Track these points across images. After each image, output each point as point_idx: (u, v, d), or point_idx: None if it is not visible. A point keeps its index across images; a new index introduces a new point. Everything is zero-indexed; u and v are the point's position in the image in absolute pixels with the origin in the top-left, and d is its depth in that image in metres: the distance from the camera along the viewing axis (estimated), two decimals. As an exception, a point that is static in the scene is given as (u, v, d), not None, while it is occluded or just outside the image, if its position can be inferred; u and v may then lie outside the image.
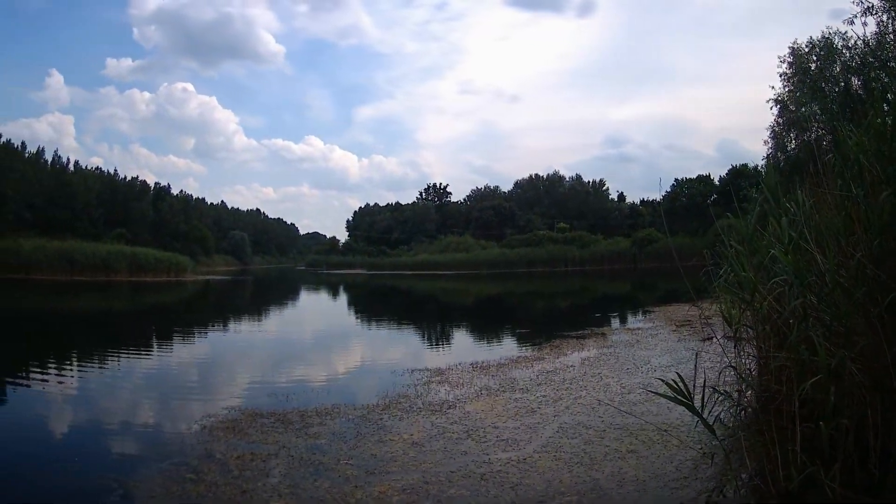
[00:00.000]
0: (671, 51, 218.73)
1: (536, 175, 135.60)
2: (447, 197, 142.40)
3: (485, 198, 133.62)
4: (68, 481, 8.51)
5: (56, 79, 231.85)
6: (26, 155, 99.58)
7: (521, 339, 23.50)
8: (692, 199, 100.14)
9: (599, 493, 7.07)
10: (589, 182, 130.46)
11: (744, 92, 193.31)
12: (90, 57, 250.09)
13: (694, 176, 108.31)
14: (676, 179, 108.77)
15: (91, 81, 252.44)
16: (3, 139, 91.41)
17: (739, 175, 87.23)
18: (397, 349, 22.60)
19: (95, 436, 11.02)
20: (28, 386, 15.28)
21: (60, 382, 15.74)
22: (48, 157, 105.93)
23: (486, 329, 29.59)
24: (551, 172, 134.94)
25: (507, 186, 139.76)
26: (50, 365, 18.45)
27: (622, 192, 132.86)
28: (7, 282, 56.46)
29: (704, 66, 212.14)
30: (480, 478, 7.89)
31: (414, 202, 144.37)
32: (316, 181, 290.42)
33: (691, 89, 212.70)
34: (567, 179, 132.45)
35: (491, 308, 45.01)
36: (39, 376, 16.44)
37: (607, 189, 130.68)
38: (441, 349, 22.77)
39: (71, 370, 17.90)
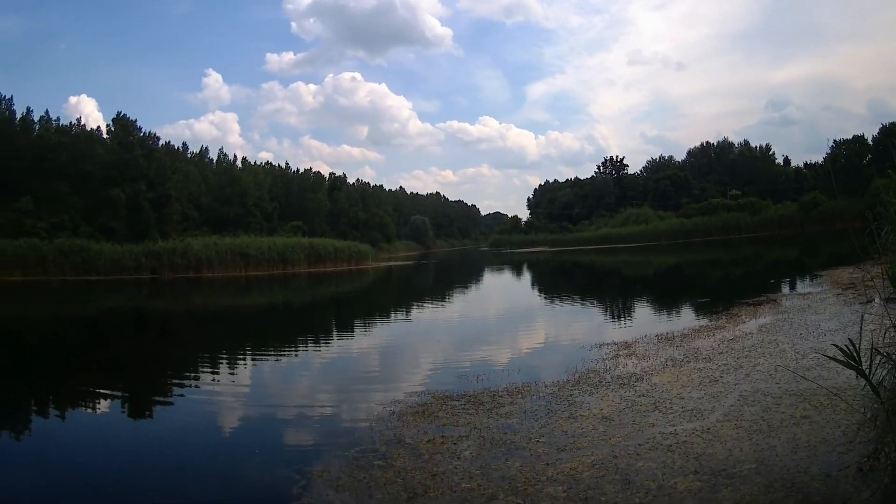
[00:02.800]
0: (821, 8, 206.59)
1: (707, 143, 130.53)
2: (624, 169, 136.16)
3: (660, 168, 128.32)
4: (251, 475, 8.53)
5: (214, 78, 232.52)
6: (189, 155, 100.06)
7: (702, 309, 23.18)
8: (849, 160, 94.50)
9: (776, 461, 6.99)
10: (756, 147, 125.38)
11: (890, 48, 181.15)
12: (248, 54, 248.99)
13: (850, 136, 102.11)
14: (834, 141, 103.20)
15: (252, 78, 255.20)
16: (163, 142, 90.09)
17: (890, 133, 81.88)
18: (584, 324, 22.48)
19: (278, 428, 11.07)
20: (210, 381, 15.41)
21: (242, 377, 15.95)
22: (213, 155, 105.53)
23: (667, 299, 29.25)
24: (721, 139, 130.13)
25: (680, 155, 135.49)
26: (231, 360, 18.76)
27: (787, 156, 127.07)
28: (178, 281, 54.90)
29: (851, 22, 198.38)
30: (667, 449, 7.79)
31: (592, 176, 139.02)
32: (495, 161, 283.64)
33: (841, 48, 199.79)
34: (736, 146, 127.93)
35: (671, 278, 44.36)
36: (220, 371, 16.72)
37: (773, 154, 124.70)
38: (626, 322, 22.59)
39: (253, 364, 18.06)
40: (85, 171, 72.48)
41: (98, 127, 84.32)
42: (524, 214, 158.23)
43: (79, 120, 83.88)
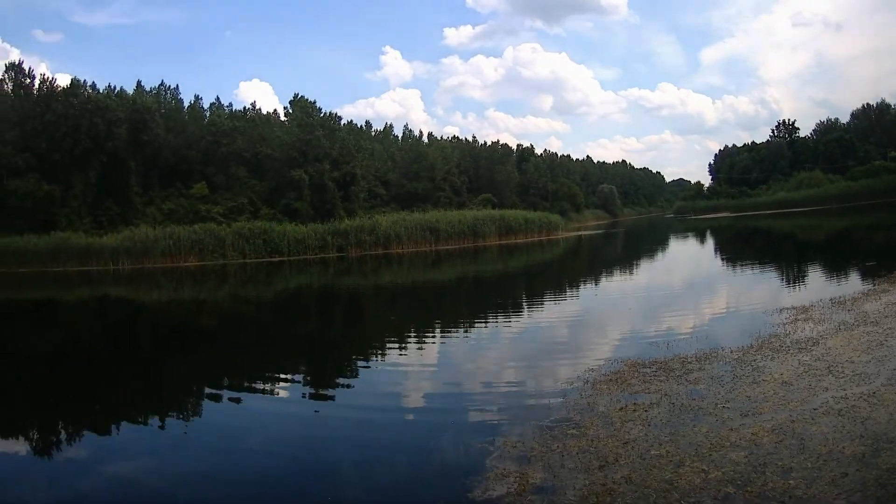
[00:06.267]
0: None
1: (868, 104, 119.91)
2: (796, 133, 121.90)
3: (828, 131, 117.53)
4: (444, 447, 8.31)
5: (392, 55, 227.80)
6: (373, 133, 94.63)
7: (868, 272, 21.99)
8: None
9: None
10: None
11: None
12: (425, 30, 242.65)
13: None
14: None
15: (431, 54, 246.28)
16: (344, 121, 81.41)
17: None
18: (764, 289, 21.74)
19: (470, 400, 10.57)
20: (398, 356, 14.92)
21: (432, 351, 15.34)
22: (398, 132, 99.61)
23: (838, 263, 27.74)
24: (879, 101, 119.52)
25: (845, 117, 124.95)
26: (421, 334, 18.00)
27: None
28: (365, 258, 50.01)
29: None
30: (837, 413, 7.57)
31: (767, 140, 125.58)
32: (676, 127, 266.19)
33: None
34: (892, 107, 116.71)
35: (840, 242, 41.59)
36: (409, 346, 16.12)
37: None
38: (802, 286, 21.74)
39: (443, 337, 17.38)
40: (264, 154, 68.69)
41: (275, 110, 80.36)
42: (706, 180, 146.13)
43: (254, 104, 79.77)
